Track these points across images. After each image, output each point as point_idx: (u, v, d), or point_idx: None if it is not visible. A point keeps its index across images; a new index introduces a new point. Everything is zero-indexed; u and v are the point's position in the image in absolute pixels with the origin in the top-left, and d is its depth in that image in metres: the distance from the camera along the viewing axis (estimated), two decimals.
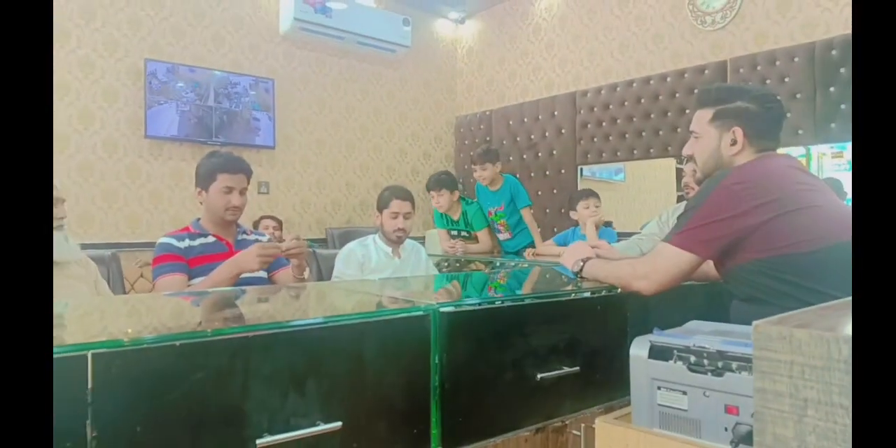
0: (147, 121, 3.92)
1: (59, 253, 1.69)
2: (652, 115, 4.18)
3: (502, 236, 3.79)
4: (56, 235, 1.69)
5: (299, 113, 4.72)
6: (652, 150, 4.18)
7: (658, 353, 0.96)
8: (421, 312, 1.08)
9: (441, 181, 3.64)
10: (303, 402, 0.93)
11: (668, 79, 4.09)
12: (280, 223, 4.13)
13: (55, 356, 0.75)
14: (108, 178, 3.85)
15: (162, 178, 4.06)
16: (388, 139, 5.27)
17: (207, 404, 0.85)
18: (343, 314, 1.05)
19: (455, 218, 3.77)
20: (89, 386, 0.76)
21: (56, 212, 1.72)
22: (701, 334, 0.99)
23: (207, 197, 2.01)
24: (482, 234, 3.71)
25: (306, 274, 2.18)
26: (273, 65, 4.57)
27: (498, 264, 3.26)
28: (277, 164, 4.61)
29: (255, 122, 4.38)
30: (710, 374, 0.94)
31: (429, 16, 5.51)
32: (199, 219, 2.07)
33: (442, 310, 1.10)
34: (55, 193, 1.74)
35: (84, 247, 1.91)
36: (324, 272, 2.66)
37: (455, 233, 3.82)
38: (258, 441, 0.87)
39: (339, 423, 0.94)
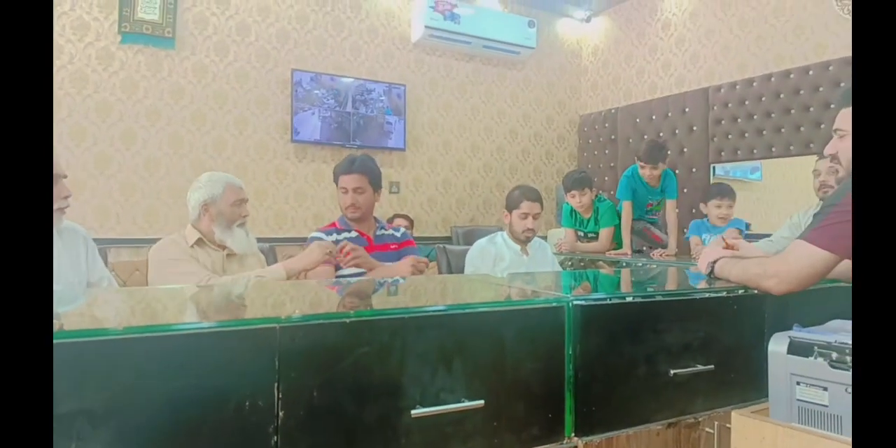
0: (293, 126, 4.29)
1: (241, 246, 1.93)
2: (792, 111, 3.93)
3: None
4: (238, 231, 1.94)
5: (428, 116, 4.93)
6: (792, 148, 3.93)
7: (798, 348, 0.96)
8: (555, 304, 1.15)
9: (585, 180, 3.67)
10: (450, 379, 1.02)
11: (811, 72, 3.82)
12: (411, 222, 4.34)
13: (251, 327, 0.90)
14: (258, 178, 4.26)
15: (305, 179, 4.42)
16: (511, 140, 5.35)
17: (371, 375, 0.96)
18: (485, 302, 1.14)
19: (587, 217, 3.77)
20: (277, 354, 0.90)
21: (240, 211, 1.97)
22: (844, 332, 0.97)
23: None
24: (605, 232, 3.68)
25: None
26: (404, 71, 4.81)
27: (624, 264, 3.23)
28: (407, 164, 4.84)
29: (387, 125, 4.64)
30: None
31: (553, 16, 5.52)
32: (343, 216, 2.27)
33: (574, 302, 1.15)
34: (241, 195, 1.98)
35: None
36: (453, 267, 2.78)
37: (581, 233, 3.82)
38: (412, 411, 0.97)
39: (481, 402, 1.03)
